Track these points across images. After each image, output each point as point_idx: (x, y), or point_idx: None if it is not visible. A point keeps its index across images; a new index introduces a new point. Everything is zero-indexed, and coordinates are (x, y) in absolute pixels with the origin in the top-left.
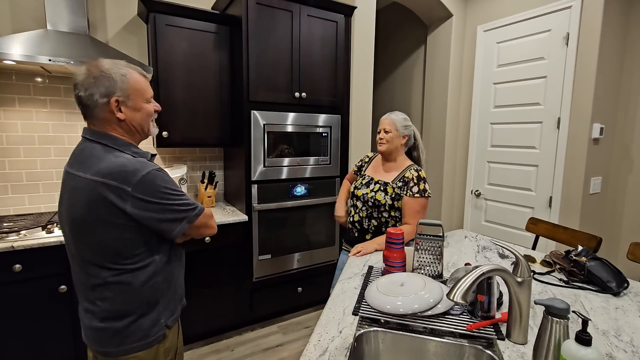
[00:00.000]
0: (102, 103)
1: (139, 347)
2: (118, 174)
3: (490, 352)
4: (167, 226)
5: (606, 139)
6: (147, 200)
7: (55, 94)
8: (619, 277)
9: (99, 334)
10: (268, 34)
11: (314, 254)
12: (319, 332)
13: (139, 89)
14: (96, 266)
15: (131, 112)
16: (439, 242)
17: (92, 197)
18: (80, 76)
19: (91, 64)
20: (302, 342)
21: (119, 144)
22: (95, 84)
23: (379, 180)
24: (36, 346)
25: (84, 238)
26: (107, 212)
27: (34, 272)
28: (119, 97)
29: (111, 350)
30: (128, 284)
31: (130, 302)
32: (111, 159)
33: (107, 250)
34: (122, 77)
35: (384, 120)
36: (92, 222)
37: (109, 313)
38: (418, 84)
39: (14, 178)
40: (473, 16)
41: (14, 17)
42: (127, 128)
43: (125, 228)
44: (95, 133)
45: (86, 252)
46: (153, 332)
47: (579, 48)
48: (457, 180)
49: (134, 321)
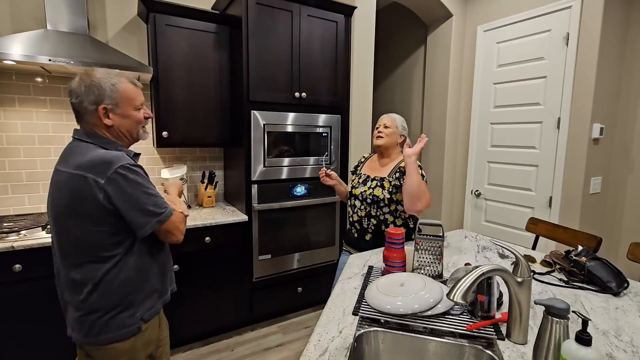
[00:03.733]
0: (91, 110)
1: (116, 338)
2: (94, 166)
3: (490, 352)
4: (137, 221)
5: (606, 139)
6: (119, 192)
7: (55, 94)
8: (619, 277)
9: (79, 324)
10: (268, 34)
11: (314, 254)
12: (319, 332)
13: (128, 97)
14: (73, 260)
15: (119, 119)
16: (439, 242)
17: (72, 189)
18: (74, 84)
19: (84, 72)
20: (302, 342)
21: (104, 142)
22: (85, 92)
23: (375, 177)
24: (36, 346)
25: (63, 231)
26: (83, 204)
27: (34, 272)
28: (107, 104)
29: (91, 339)
30: (101, 279)
31: (105, 296)
32: (92, 153)
33: (83, 245)
34: (111, 87)
35: (384, 117)
36: (71, 215)
37: (85, 305)
38: (418, 84)
39: (14, 178)
40: (473, 16)
41: (14, 17)
42: (115, 133)
43: (100, 222)
44: (84, 133)
45: (64, 245)
46: (128, 324)
47: (579, 48)
48: (457, 180)
49: (109, 314)
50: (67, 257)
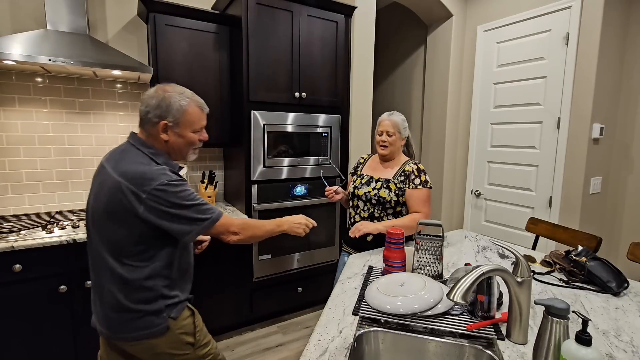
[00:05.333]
0: (154, 122)
1: (145, 336)
2: (138, 180)
3: (490, 352)
4: (180, 230)
5: (606, 139)
6: (158, 208)
7: (55, 94)
8: (619, 277)
9: (111, 321)
10: (268, 34)
11: (314, 254)
12: (319, 332)
13: (190, 120)
14: (106, 258)
15: (175, 137)
16: (439, 242)
17: (114, 194)
18: (148, 94)
19: (161, 87)
20: (302, 342)
21: (155, 153)
22: (155, 105)
23: (379, 178)
24: (36, 346)
25: (99, 229)
26: (122, 211)
27: (34, 272)
28: (169, 122)
29: (121, 336)
30: (131, 279)
31: (132, 297)
32: (138, 165)
33: (116, 245)
34: (179, 107)
35: (386, 122)
36: (109, 216)
37: (116, 304)
38: (418, 84)
39: (14, 178)
40: (473, 16)
41: (14, 17)
42: (167, 148)
43: (135, 228)
44: (138, 140)
45: (99, 242)
46: (156, 323)
47: (579, 48)
48: (457, 180)
49: (137, 313)
50: (99, 255)
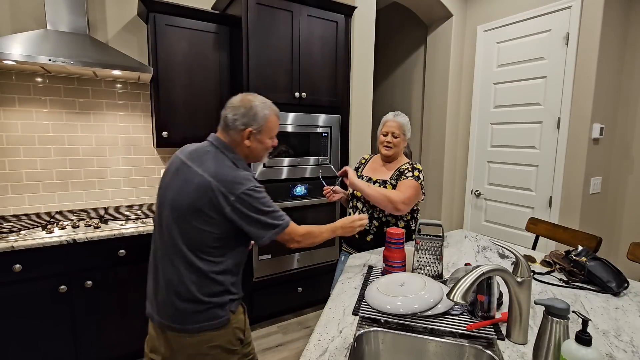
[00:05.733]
0: (240, 129)
1: (208, 327)
2: (227, 183)
3: (490, 352)
4: (258, 234)
5: (606, 139)
6: (242, 210)
7: (55, 94)
8: (619, 277)
9: (178, 312)
10: (268, 34)
11: (314, 254)
12: (319, 332)
13: (271, 128)
14: (183, 251)
15: (256, 143)
16: (439, 242)
17: (203, 192)
18: (235, 102)
19: (247, 96)
20: (302, 342)
21: (236, 158)
22: (243, 113)
23: (377, 179)
24: (36, 346)
25: (181, 223)
26: (209, 209)
27: (34, 272)
28: (254, 129)
29: (188, 327)
30: (206, 272)
31: (202, 289)
32: (228, 169)
33: (198, 240)
34: (263, 116)
35: (392, 123)
36: (196, 212)
37: (185, 295)
38: (418, 84)
39: (14, 178)
40: (473, 16)
41: (14, 17)
42: (247, 153)
43: (218, 226)
44: (222, 143)
45: (178, 236)
46: (220, 315)
47: (579, 48)
48: (457, 180)
49: (204, 305)
50: (177, 248)
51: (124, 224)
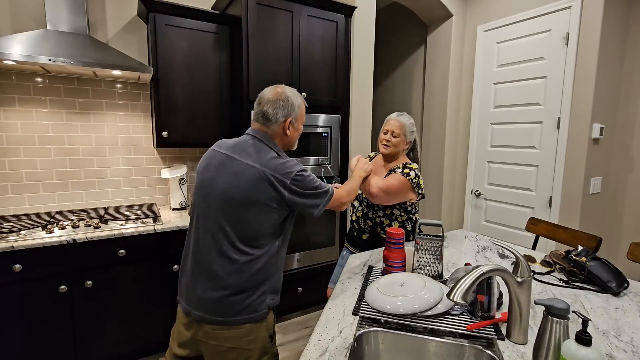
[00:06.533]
0: (281, 121)
1: (248, 320)
2: (280, 170)
3: (490, 352)
4: (311, 209)
5: (606, 139)
6: (298, 191)
7: (55, 94)
8: (619, 277)
9: (217, 304)
10: (268, 34)
11: (314, 254)
12: (319, 332)
13: (302, 114)
14: (227, 244)
15: (293, 131)
16: (439, 242)
17: (257, 182)
18: (270, 96)
19: (277, 88)
20: (302, 342)
21: (277, 149)
22: (282, 106)
23: None
24: (36, 346)
25: (231, 215)
26: (266, 197)
27: (34, 272)
28: (292, 119)
29: (225, 319)
30: (250, 263)
31: (248, 280)
32: (275, 158)
33: (250, 230)
34: (298, 105)
35: (393, 122)
36: (250, 202)
37: (229, 287)
38: (418, 84)
39: (14, 178)
40: (473, 16)
41: (14, 17)
42: (285, 141)
43: (274, 212)
44: (265, 135)
45: (229, 228)
46: (259, 309)
47: (579, 48)
48: (457, 180)
49: (247, 297)
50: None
51: (124, 224)
